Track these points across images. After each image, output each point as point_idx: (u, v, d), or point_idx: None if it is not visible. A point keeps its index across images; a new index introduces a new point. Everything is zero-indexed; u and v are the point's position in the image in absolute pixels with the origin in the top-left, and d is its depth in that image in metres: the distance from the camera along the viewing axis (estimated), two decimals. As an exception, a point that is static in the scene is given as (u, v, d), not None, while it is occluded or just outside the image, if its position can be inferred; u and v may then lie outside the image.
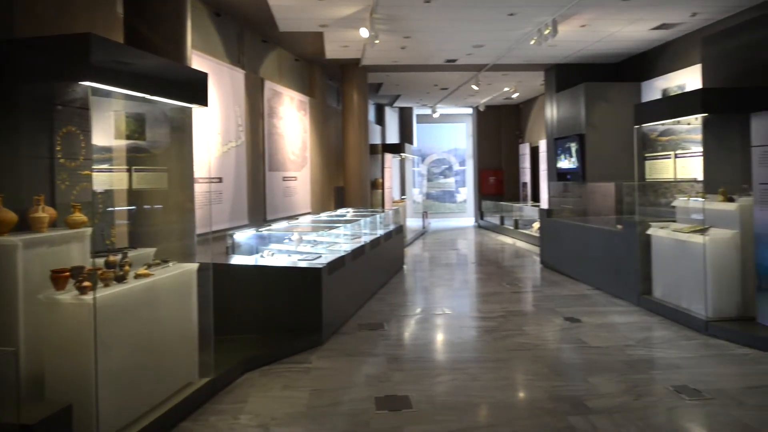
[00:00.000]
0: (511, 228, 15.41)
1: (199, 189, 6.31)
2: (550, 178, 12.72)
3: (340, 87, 12.23)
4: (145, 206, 4.72)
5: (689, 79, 8.99)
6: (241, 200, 8.06)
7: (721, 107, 6.10)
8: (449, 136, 21.92)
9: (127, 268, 3.59)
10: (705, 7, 7.81)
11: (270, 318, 5.53)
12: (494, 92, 15.21)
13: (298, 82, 10.91)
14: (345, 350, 5.37)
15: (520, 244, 13.70)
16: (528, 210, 15.59)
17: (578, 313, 6.65)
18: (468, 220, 20.41)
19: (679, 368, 4.75)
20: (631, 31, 9.06)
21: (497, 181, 19.09)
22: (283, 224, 7.89)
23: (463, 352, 5.34)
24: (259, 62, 9.18)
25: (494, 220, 17.36)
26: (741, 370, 4.70)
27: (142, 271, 3.73)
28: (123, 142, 4.57)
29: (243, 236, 6.65)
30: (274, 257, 6.29)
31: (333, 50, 10.13)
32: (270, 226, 7.54)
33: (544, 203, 14.57)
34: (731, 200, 6.04)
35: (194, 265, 4.24)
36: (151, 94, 3.78)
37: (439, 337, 5.93)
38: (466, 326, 6.26)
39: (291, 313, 5.55)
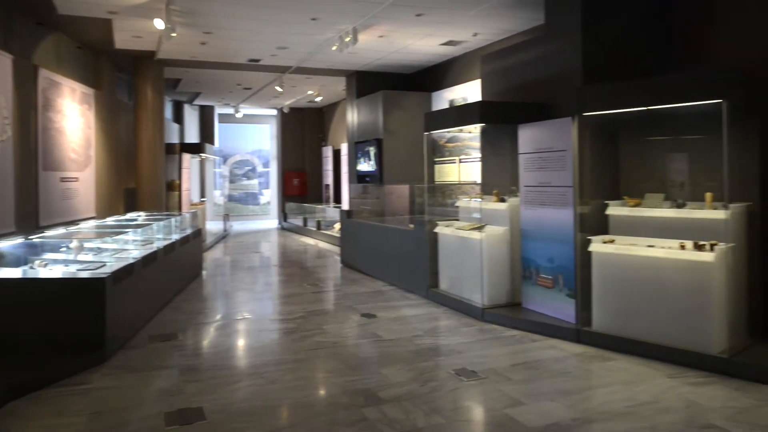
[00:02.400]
0: (314, 229, 15.66)
1: (-53, 190, 5.38)
2: (351, 180, 13.19)
3: (132, 80, 11.32)
4: None
5: (471, 92, 9.99)
6: (7, 204, 7.03)
7: (495, 118, 6.86)
8: (253, 137, 21.55)
9: None
10: (484, 28, 8.74)
11: (43, 337, 4.89)
12: (298, 95, 15.33)
13: (82, 73, 9.86)
14: (132, 365, 4.97)
15: (323, 244, 13.98)
16: (330, 211, 15.98)
17: (374, 309, 6.98)
18: (271, 222, 20.28)
19: (460, 353, 5.24)
20: (423, 45, 9.78)
21: (301, 183, 19.28)
22: (61, 231, 7.06)
23: (262, 356, 5.28)
24: (33, 47, 8.10)
25: (298, 221, 17.48)
26: (509, 350, 5.33)
27: None
28: None
29: (8, 245, 5.81)
30: (47, 268, 5.59)
31: (123, 40, 9.36)
32: (44, 233, 6.70)
33: (345, 204, 15.05)
34: (503, 201, 6.84)
35: (-63, 280, 3.60)
36: None
37: (238, 343, 5.79)
38: (267, 329, 6.20)
39: (69, 330, 4.96)
